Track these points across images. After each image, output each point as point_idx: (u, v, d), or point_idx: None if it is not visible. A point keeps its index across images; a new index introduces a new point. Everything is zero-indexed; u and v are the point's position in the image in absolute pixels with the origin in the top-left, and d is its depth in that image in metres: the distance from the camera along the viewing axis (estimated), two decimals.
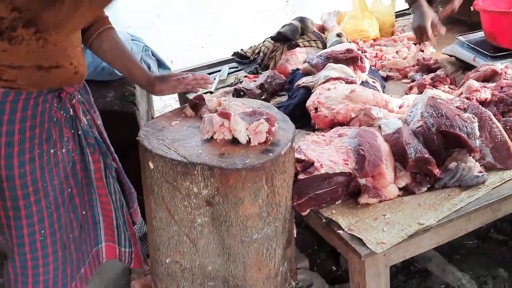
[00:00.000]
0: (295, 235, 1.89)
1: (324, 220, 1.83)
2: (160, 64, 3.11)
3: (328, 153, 1.92)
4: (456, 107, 2.13)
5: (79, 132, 1.82)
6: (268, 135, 1.69)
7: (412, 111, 2.16)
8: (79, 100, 1.83)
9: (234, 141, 1.70)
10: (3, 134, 1.64)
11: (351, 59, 2.54)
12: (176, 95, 3.23)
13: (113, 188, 1.94)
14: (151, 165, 1.65)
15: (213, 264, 1.73)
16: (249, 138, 1.69)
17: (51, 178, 1.73)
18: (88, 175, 1.87)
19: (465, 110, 2.12)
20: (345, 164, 1.86)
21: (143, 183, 1.77)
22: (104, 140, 1.95)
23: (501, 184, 1.92)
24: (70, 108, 1.78)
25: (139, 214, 2.18)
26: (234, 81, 2.91)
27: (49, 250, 1.77)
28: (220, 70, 3.07)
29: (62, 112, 1.76)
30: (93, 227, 1.94)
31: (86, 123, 1.84)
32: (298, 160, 1.85)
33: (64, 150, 1.77)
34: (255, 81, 2.76)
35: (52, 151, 1.73)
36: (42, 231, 1.75)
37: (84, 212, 1.87)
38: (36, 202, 1.72)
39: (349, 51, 2.59)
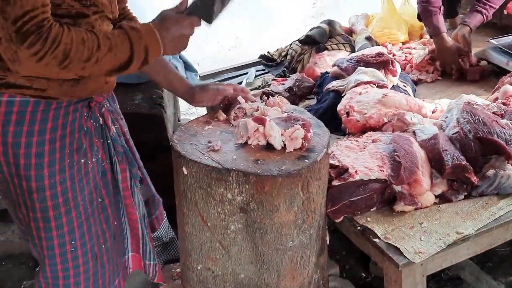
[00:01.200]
0: (328, 242, 1.86)
1: (359, 227, 1.79)
2: (187, 66, 3.09)
3: (363, 159, 1.88)
4: (493, 113, 2.08)
5: (108, 141, 1.79)
6: (303, 141, 1.66)
7: (447, 117, 2.12)
8: (108, 109, 1.80)
9: (269, 147, 1.67)
10: (34, 144, 1.61)
11: (382, 63, 2.51)
12: None
13: (137, 198, 1.91)
14: (185, 171, 1.63)
15: (245, 271, 1.70)
16: (284, 144, 1.66)
17: (81, 188, 1.71)
18: (116, 185, 1.85)
19: (502, 116, 2.08)
20: (381, 170, 1.82)
21: (176, 189, 1.74)
22: (130, 148, 1.91)
23: None
24: (100, 117, 1.75)
25: (164, 219, 2.15)
26: (262, 84, 2.89)
27: (80, 261, 1.74)
28: (247, 73, 3.04)
29: (92, 121, 1.73)
30: (121, 238, 1.91)
31: (115, 131, 1.81)
32: (332, 166, 1.82)
33: (94, 160, 1.74)
34: (283, 84, 2.73)
35: (82, 160, 1.70)
36: (73, 242, 1.72)
37: (116, 223, 1.85)
38: (66, 213, 1.69)
39: (380, 54, 2.55)
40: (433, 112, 2.29)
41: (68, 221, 1.69)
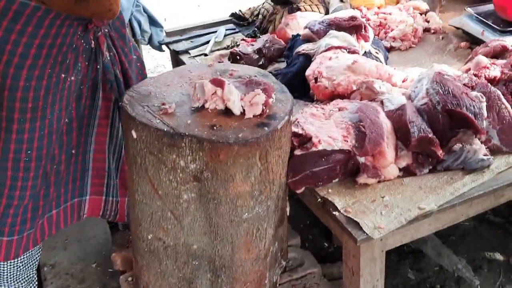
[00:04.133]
0: (288, 214, 1.79)
1: (319, 199, 1.72)
2: (152, 21, 2.93)
3: (327, 128, 1.80)
4: (464, 84, 2.00)
5: (98, 67, 1.78)
6: (264, 107, 1.56)
7: (416, 87, 2.03)
8: (105, 34, 1.78)
9: (227, 112, 1.57)
10: (22, 44, 1.61)
11: (354, 28, 2.40)
12: (168, 54, 3.06)
13: (117, 131, 1.88)
14: (134, 134, 1.52)
15: (198, 242, 1.62)
16: (244, 110, 1.56)
17: (53, 101, 1.69)
18: (92, 114, 1.79)
19: (473, 88, 2.00)
20: (345, 140, 1.75)
21: (126, 153, 1.65)
22: (127, 80, 1.87)
23: (507, 169, 1.82)
24: (92, 40, 1.75)
25: None
26: (231, 44, 2.77)
27: (31, 174, 1.70)
28: (216, 31, 2.91)
29: (82, 41, 1.72)
30: (81, 174, 1.85)
31: (109, 58, 1.79)
32: (295, 134, 1.73)
33: (73, 78, 1.73)
34: (252, 45, 2.61)
35: (63, 75, 1.70)
36: (29, 152, 1.68)
37: (73, 151, 1.78)
38: (31, 120, 1.67)
39: (353, 18, 2.44)
40: (403, 81, 2.21)
41: (30, 129, 1.67)
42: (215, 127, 1.51)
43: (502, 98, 1.95)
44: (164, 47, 2.94)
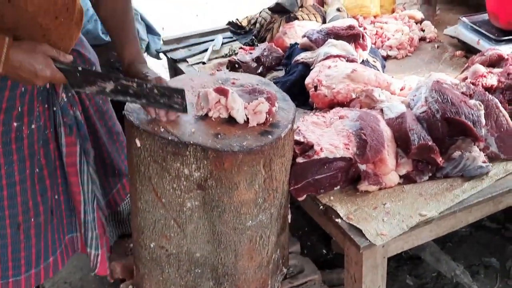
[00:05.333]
0: (289, 221, 1.80)
1: (321, 207, 1.73)
2: (150, 29, 2.94)
3: (328, 136, 1.81)
4: (462, 92, 2.03)
5: (54, 109, 1.67)
6: (268, 116, 1.57)
7: (415, 95, 2.06)
8: None
9: (231, 120, 1.58)
10: None
11: (352, 36, 2.42)
12: (165, 62, 3.06)
13: (87, 177, 1.78)
14: (138, 143, 1.52)
15: (201, 250, 1.62)
16: (247, 118, 1.57)
17: (7, 152, 1.58)
18: (60, 158, 1.72)
19: (471, 96, 2.03)
20: (346, 148, 1.76)
21: (128, 162, 1.64)
22: (89, 119, 1.78)
23: (505, 176, 1.84)
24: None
25: (127, 195, 2.03)
26: (229, 52, 2.78)
27: None
28: (213, 40, 2.92)
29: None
30: (67, 213, 1.79)
31: (66, 100, 1.68)
32: (297, 142, 1.75)
33: (33, 126, 1.62)
34: (251, 53, 2.62)
35: (15, 124, 1.58)
36: None
37: (56, 197, 1.72)
38: None
39: (351, 27, 2.46)
40: (401, 90, 2.23)
41: None
42: (219, 136, 1.51)
43: (499, 106, 1.98)
44: (161, 55, 2.95)
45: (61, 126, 1.67)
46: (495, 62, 2.32)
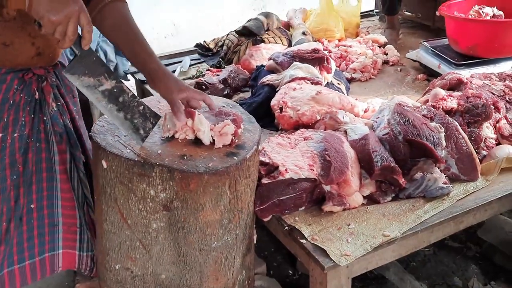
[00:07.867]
0: (255, 241, 1.80)
1: (286, 227, 1.75)
2: (118, 51, 2.95)
3: (293, 157, 1.84)
4: (423, 115, 2.09)
5: (45, 118, 1.67)
6: (233, 137, 1.59)
7: (378, 117, 2.11)
8: (51, 84, 1.67)
9: (197, 142, 1.59)
10: None
11: (317, 59, 2.48)
12: (133, 83, 3.05)
13: (77, 183, 1.78)
14: (105, 164, 1.52)
15: (167, 272, 1.61)
16: (213, 140, 1.58)
17: None
18: (51, 167, 1.71)
19: (431, 119, 2.09)
20: (311, 169, 1.79)
21: (94, 183, 1.63)
22: (77, 129, 1.78)
23: (465, 196, 1.90)
24: (36, 91, 1.64)
25: None
26: (196, 74, 2.80)
27: None
28: (181, 61, 2.94)
29: (22, 94, 1.62)
30: (50, 229, 1.76)
31: (56, 109, 1.69)
32: (262, 163, 1.76)
33: (16, 135, 1.63)
34: (218, 75, 2.66)
35: (0, 135, 1.60)
36: None
37: (32, 206, 1.71)
38: None
39: (315, 51, 2.52)
40: (365, 112, 2.28)
41: None
42: (185, 157, 1.52)
43: (459, 128, 2.04)
44: (129, 76, 2.95)
45: (51, 135, 1.67)
46: (455, 85, 2.39)
